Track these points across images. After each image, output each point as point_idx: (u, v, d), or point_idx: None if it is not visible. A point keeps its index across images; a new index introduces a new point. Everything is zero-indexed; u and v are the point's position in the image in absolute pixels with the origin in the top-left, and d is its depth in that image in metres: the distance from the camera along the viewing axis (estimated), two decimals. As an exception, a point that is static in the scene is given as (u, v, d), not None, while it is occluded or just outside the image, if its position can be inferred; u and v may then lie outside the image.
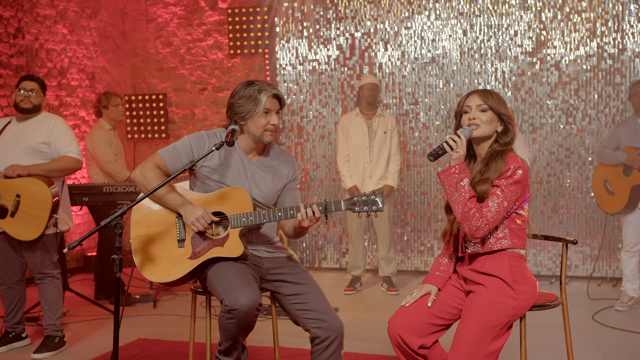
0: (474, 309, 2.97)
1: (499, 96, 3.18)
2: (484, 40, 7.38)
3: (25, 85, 5.01)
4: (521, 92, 7.30)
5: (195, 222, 3.31)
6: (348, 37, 7.88)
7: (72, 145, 5.02)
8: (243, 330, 3.22)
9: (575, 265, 7.17)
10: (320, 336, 3.32)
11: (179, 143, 3.50)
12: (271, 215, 3.33)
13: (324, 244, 8.06)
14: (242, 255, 3.36)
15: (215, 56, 8.59)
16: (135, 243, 3.42)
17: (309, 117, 8.07)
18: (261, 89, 3.43)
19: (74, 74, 8.21)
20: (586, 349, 4.84)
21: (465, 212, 3.00)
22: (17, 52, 7.44)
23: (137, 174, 3.45)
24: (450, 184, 3.05)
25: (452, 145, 3.06)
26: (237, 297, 3.13)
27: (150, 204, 3.47)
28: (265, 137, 3.48)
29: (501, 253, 3.09)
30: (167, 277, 3.36)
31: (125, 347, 5.12)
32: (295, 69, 8.10)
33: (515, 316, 3.01)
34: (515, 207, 3.10)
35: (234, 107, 3.47)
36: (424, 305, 3.12)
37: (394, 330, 3.07)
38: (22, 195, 4.80)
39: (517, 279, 3.03)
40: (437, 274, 3.24)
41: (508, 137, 3.15)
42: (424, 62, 7.60)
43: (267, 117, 3.45)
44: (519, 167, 3.05)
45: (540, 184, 7.27)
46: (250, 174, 3.54)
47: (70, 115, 8.11)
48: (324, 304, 3.40)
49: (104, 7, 8.66)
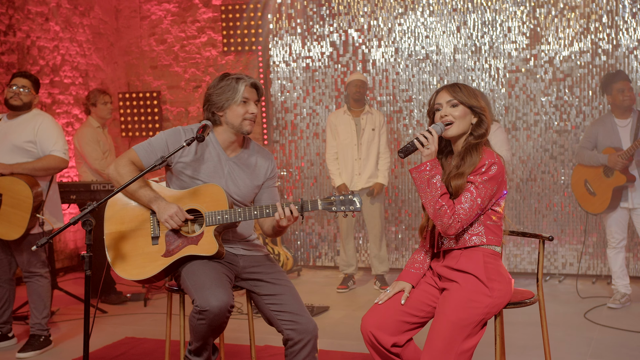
0: (447, 307, 2.92)
1: (469, 88, 3.13)
2: (477, 37, 7.32)
3: (17, 82, 4.96)
4: (515, 89, 7.24)
5: (169, 219, 3.27)
6: (341, 34, 7.83)
7: (58, 144, 4.97)
8: (213, 331, 3.17)
9: (570, 263, 7.11)
10: (293, 338, 3.28)
11: (154, 138, 3.46)
12: (247, 213, 3.28)
13: (318, 242, 8.01)
14: (217, 254, 3.31)
15: (209, 53, 8.55)
16: (109, 239, 3.38)
17: (302, 114, 8.02)
18: (239, 78, 3.42)
19: (67, 72, 8.18)
20: (575, 347, 4.79)
21: (436, 209, 2.95)
22: (8, 50, 7.42)
23: (111, 170, 3.42)
24: (422, 181, 3.00)
25: (423, 141, 3.00)
26: (208, 298, 3.08)
27: (125, 200, 3.43)
28: (245, 127, 3.43)
29: (476, 250, 3.03)
30: (140, 274, 3.32)
31: (112, 346, 5.08)
32: (288, 66, 8.05)
33: (490, 314, 2.95)
34: (491, 203, 3.05)
35: (212, 97, 3.43)
36: (397, 303, 3.07)
37: (366, 329, 3.02)
38: (4, 195, 4.76)
39: (492, 277, 2.97)
40: (412, 270, 3.18)
41: (482, 128, 3.09)
42: (417, 58, 7.55)
43: (245, 106, 3.41)
44: (494, 163, 2.99)
45: (535, 181, 7.21)
46: (228, 170, 3.49)
47: (63, 113, 8.09)
48: (299, 305, 3.35)
49: (97, 5, 8.62)
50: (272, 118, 8.17)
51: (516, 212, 7.24)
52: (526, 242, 7.23)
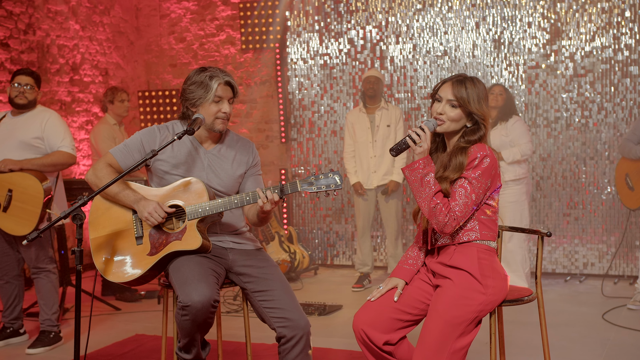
0: (439, 304, 2.83)
1: (477, 89, 2.96)
2: (497, 33, 7.20)
3: (20, 80, 4.97)
4: (535, 85, 7.10)
5: (149, 216, 3.23)
6: (359, 31, 7.75)
7: (66, 140, 4.98)
8: (199, 327, 3.12)
9: (591, 263, 6.95)
10: (285, 335, 3.22)
11: (130, 140, 3.44)
12: (227, 203, 3.24)
13: (335, 241, 7.95)
14: (202, 248, 3.26)
15: (227, 51, 8.53)
16: (94, 245, 3.35)
17: (320, 112, 7.96)
18: (213, 75, 3.34)
19: (87, 70, 8.22)
20: (590, 348, 4.67)
21: (431, 208, 2.86)
22: (28, 48, 7.47)
23: (89, 174, 3.40)
24: (415, 179, 2.90)
25: (415, 139, 2.91)
26: (190, 294, 3.04)
27: (107, 204, 3.40)
28: (217, 125, 3.39)
29: (470, 246, 2.94)
30: (128, 276, 3.29)
31: (121, 343, 5.07)
32: (306, 64, 8.00)
33: (484, 312, 2.86)
34: (485, 197, 2.95)
35: (186, 93, 3.39)
36: (390, 300, 2.99)
37: (358, 326, 2.95)
38: (14, 191, 4.77)
39: (486, 273, 2.88)
40: (405, 267, 3.09)
41: (475, 135, 2.97)
42: (436, 55, 7.44)
43: (218, 105, 3.36)
44: (486, 155, 2.89)
45: (555, 179, 7.06)
46: (207, 163, 3.45)
47: (82, 111, 8.13)
48: (291, 301, 3.28)
49: (117, 3, 8.66)
50: (290, 116, 8.12)
51: (536, 211, 7.11)
52: (546, 241, 7.09)
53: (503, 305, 2.95)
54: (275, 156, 8.32)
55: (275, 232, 7.11)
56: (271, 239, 7.05)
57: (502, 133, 5.97)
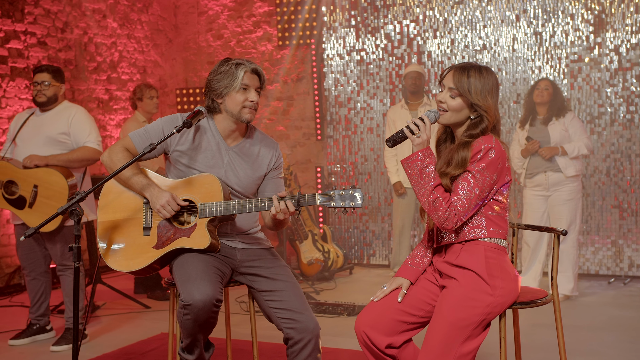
0: (444, 306, 2.67)
1: (482, 79, 2.78)
2: (538, 25, 6.95)
3: (37, 78, 4.96)
4: (578, 80, 6.83)
5: (161, 208, 3.13)
6: (396, 25, 7.59)
7: (92, 136, 4.95)
8: (201, 327, 3.02)
9: (637, 264, 6.66)
10: (293, 337, 3.09)
11: (151, 125, 3.32)
12: (242, 206, 3.10)
13: (372, 240, 7.80)
14: (209, 248, 3.15)
15: (264, 48, 8.46)
16: (100, 229, 3.27)
17: (356, 108, 7.82)
18: (239, 63, 3.23)
19: (125, 68, 8.24)
20: (629, 355, 4.43)
21: (431, 202, 2.69)
22: (65, 47, 7.51)
23: (105, 157, 3.31)
24: (414, 172, 2.74)
25: (414, 129, 2.75)
26: (192, 292, 2.93)
27: (119, 188, 3.31)
28: (244, 115, 3.25)
29: (477, 244, 2.76)
30: (130, 266, 3.20)
31: (146, 341, 5.03)
32: (342, 59, 7.87)
33: (492, 314, 2.67)
34: (492, 192, 2.77)
35: (211, 83, 3.26)
36: (393, 301, 2.83)
37: (359, 328, 2.79)
38: (40, 186, 4.76)
39: (494, 273, 2.69)
40: (410, 265, 2.93)
41: (477, 129, 2.78)
42: (475, 49, 7.23)
43: (245, 94, 3.23)
44: (491, 147, 2.71)
45: (599, 177, 6.78)
46: (228, 160, 3.32)
47: (120, 109, 8.15)
48: (300, 302, 3.15)
49: (155, 1, 8.66)
50: (326, 113, 8.00)
51: (579, 210, 6.83)
52: (590, 242, 6.82)
53: (513, 307, 2.76)
54: (312, 154, 8.21)
55: (309, 230, 7.00)
56: (304, 237, 6.94)
57: (562, 128, 5.72)
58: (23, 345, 4.98)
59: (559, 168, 5.68)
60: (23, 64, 6.98)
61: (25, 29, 7.06)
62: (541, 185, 5.78)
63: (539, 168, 5.76)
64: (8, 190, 4.84)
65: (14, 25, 6.95)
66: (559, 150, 5.64)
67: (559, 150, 5.64)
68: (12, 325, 5.47)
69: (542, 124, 5.77)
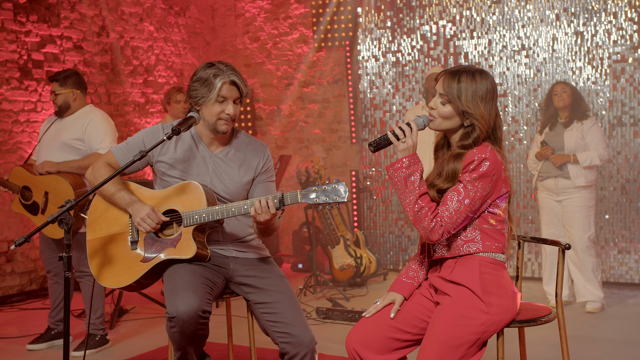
0: (437, 324, 2.51)
1: (477, 84, 2.60)
2: (579, 24, 6.69)
3: (50, 88, 5.00)
4: (621, 81, 6.55)
5: (142, 222, 3.05)
6: (432, 26, 7.41)
7: (105, 142, 4.86)
8: (189, 339, 2.92)
9: (681, 274, 6.35)
10: (288, 352, 2.99)
11: (132, 138, 3.26)
12: (224, 211, 3.00)
13: (407, 245, 7.64)
14: (196, 257, 3.05)
15: (300, 50, 8.37)
16: (90, 247, 3.22)
17: (392, 111, 7.67)
18: (217, 73, 3.08)
19: (161, 71, 8.25)
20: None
21: (415, 211, 2.53)
22: (102, 50, 7.55)
23: (88, 173, 3.27)
24: (398, 180, 2.58)
25: (399, 134, 2.60)
26: (176, 304, 2.85)
27: (106, 204, 3.25)
28: (220, 126, 3.15)
29: (471, 258, 2.59)
30: (119, 282, 3.13)
31: (164, 349, 4.97)
32: (377, 61, 7.73)
33: (487, 333, 2.50)
34: (487, 204, 2.60)
35: (190, 90, 3.17)
36: (386, 317, 2.68)
37: (350, 345, 2.65)
38: (50, 193, 4.76)
39: (489, 289, 2.53)
40: (404, 280, 2.77)
41: (469, 139, 2.61)
42: (513, 50, 7.01)
43: (222, 106, 3.12)
44: (485, 158, 2.53)
45: (643, 183, 6.50)
46: (213, 167, 3.22)
47: (156, 112, 8.16)
48: (295, 315, 3.04)
49: (193, 4, 8.66)
50: (361, 115, 7.87)
51: (622, 216, 6.56)
52: (633, 249, 6.53)
53: (512, 325, 2.59)
54: (348, 157, 8.09)
55: (341, 235, 6.87)
56: (336, 242, 6.82)
57: (577, 135, 5.54)
58: (41, 350, 4.97)
59: (570, 176, 5.53)
60: (59, 68, 7.03)
61: (61, 33, 7.12)
62: (551, 190, 5.68)
63: (550, 173, 5.66)
64: (24, 196, 4.86)
65: (50, 30, 7.01)
66: (570, 159, 5.52)
67: (571, 159, 5.50)
68: (42, 328, 5.45)
69: (563, 127, 5.62)
